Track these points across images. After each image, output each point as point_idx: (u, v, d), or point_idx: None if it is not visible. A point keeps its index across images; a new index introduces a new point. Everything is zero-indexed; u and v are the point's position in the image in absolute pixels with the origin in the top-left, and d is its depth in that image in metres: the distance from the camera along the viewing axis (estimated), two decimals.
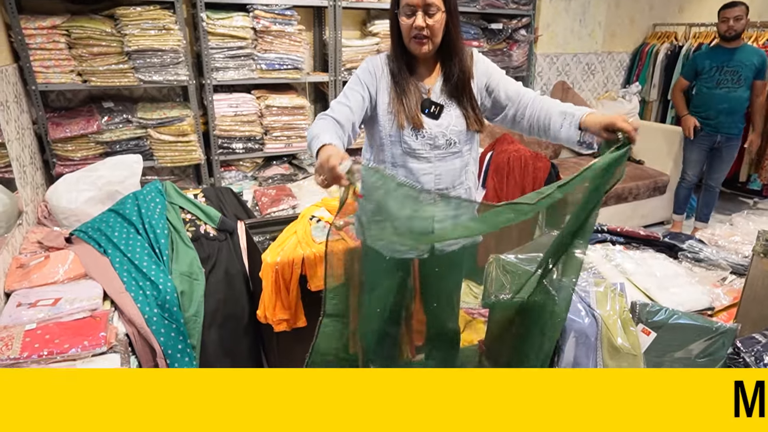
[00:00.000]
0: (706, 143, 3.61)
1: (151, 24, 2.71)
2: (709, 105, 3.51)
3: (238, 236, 2.39)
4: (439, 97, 1.60)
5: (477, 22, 3.87)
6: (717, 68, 3.45)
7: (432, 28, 1.49)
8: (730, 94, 3.43)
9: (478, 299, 1.54)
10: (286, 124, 3.21)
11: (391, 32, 1.60)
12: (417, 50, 1.54)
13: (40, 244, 2.16)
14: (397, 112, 1.56)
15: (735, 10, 3.33)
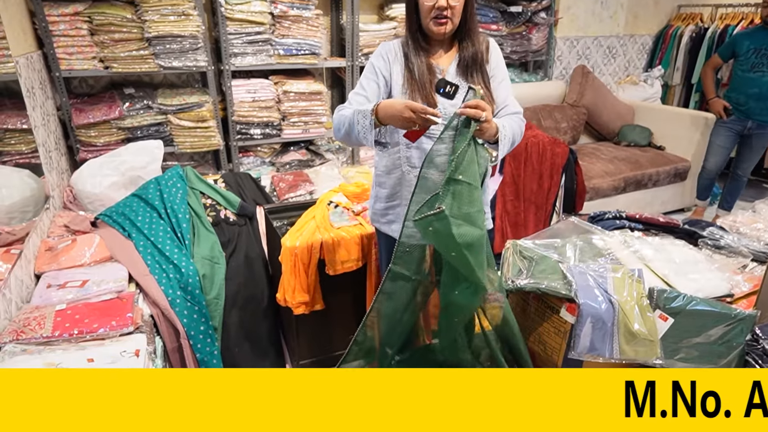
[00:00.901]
0: (735, 129, 3.49)
1: (170, 10, 2.73)
2: (741, 89, 3.39)
3: (257, 221, 2.43)
4: (455, 78, 1.60)
5: (496, 4, 3.82)
6: (755, 51, 3.30)
7: (454, 9, 1.51)
8: (763, 79, 3.28)
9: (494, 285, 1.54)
10: (303, 110, 3.23)
11: (408, 12, 1.60)
12: (437, 30, 1.54)
13: (66, 228, 2.22)
14: (411, 91, 1.57)
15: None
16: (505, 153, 1.53)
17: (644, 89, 4.58)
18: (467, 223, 1.33)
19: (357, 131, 1.47)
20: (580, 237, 1.86)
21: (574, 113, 4.06)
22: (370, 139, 1.47)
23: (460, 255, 1.32)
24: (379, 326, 1.57)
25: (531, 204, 3.05)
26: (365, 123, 1.44)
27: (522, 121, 1.63)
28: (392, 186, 1.73)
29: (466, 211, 1.33)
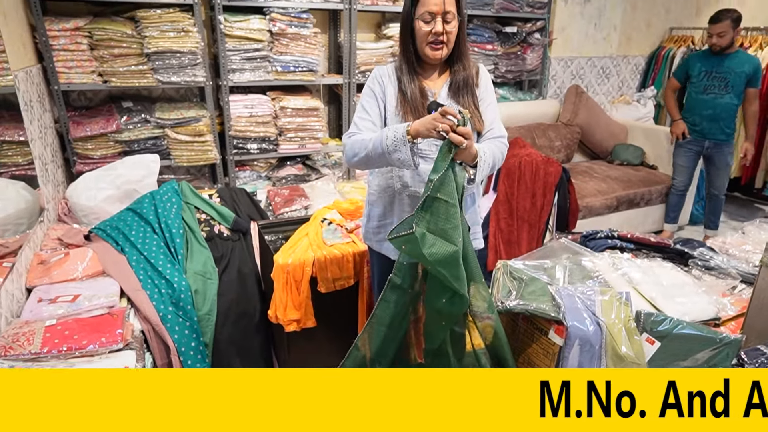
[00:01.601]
0: (693, 149, 3.60)
1: (170, 26, 2.77)
2: (695, 110, 3.52)
3: (251, 236, 2.44)
4: (446, 100, 1.64)
5: (491, 25, 3.88)
6: (706, 73, 3.44)
7: (449, 34, 1.56)
8: (716, 101, 3.41)
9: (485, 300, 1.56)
10: (300, 126, 3.26)
11: (403, 37, 1.64)
12: (433, 55, 1.59)
13: (60, 241, 2.23)
14: (404, 113, 1.60)
15: (718, 26, 3.30)
16: (484, 176, 1.57)
17: (637, 109, 4.64)
18: (442, 239, 1.38)
19: (387, 146, 1.46)
20: (569, 258, 1.88)
21: (568, 132, 4.10)
22: (404, 152, 1.46)
23: (435, 270, 1.38)
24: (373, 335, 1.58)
25: (524, 222, 3.07)
26: (398, 135, 1.45)
27: (504, 145, 1.67)
28: (384, 205, 1.75)
29: (442, 227, 1.38)
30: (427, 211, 1.38)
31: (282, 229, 2.46)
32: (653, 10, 4.84)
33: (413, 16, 1.58)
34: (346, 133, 1.65)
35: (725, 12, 3.29)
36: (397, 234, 1.37)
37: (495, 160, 1.60)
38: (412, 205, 1.68)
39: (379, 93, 1.64)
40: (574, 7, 4.20)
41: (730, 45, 3.34)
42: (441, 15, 1.53)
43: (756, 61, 3.38)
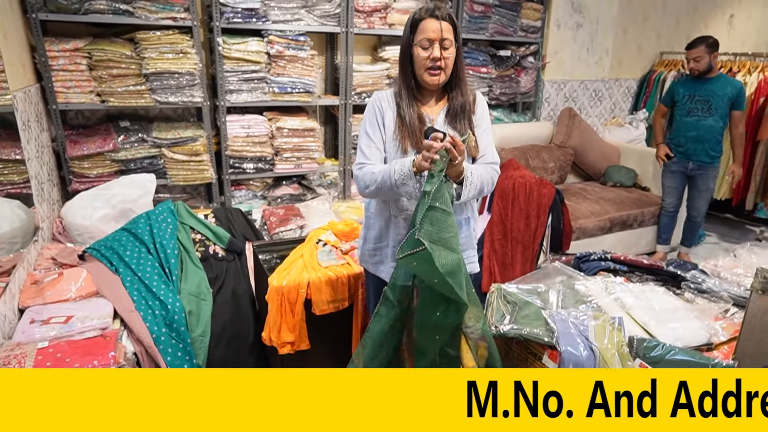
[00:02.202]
0: (679, 170, 3.68)
1: (169, 48, 2.80)
2: (680, 132, 3.61)
3: (245, 257, 2.44)
4: (443, 126, 1.67)
5: (486, 48, 3.95)
6: (689, 97, 3.53)
7: (446, 60, 1.59)
8: (699, 123, 3.49)
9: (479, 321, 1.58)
10: (296, 146, 3.28)
11: (402, 63, 1.68)
12: (431, 81, 1.62)
13: (54, 261, 2.22)
14: (402, 138, 1.63)
15: (694, 51, 3.42)
16: (470, 197, 1.60)
17: (629, 131, 4.71)
18: (445, 249, 1.42)
19: (395, 181, 1.54)
20: (563, 282, 1.89)
21: (562, 153, 4.15)
22: (411, 185, 1.54)
23: (443, 281, 1.40)
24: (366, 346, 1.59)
25: (518, 244, 3.09)
26: (404, 171, 1.53)
27: (496, 171, 1.70)
28: (380, 228, 1.77)
29: (444, 236, 1.43)
30: (427, 221, 1.42)
31: (277, 248, 2.47)
32: (644, 35, 4.94)
33: (412, 43, 1.62)
34: (355, 163, 1.69)
35: (700, 38, 3.43)
36: (407, 253, 1.40)
37: (484, 183, 1.63)
38: (408, 228, 1.69)
39: (379, 118, 1.68)
40: (567, 32, 4.28)
41: (709, 69, 3.43)
42: (438, 42, 1.58)
43: (738, 83, 3.46)
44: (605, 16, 4.44)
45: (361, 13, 3.33)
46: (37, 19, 2.51)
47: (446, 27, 1.58)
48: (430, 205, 1.42)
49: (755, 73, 4.38)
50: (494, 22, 3.82)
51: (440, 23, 1.57)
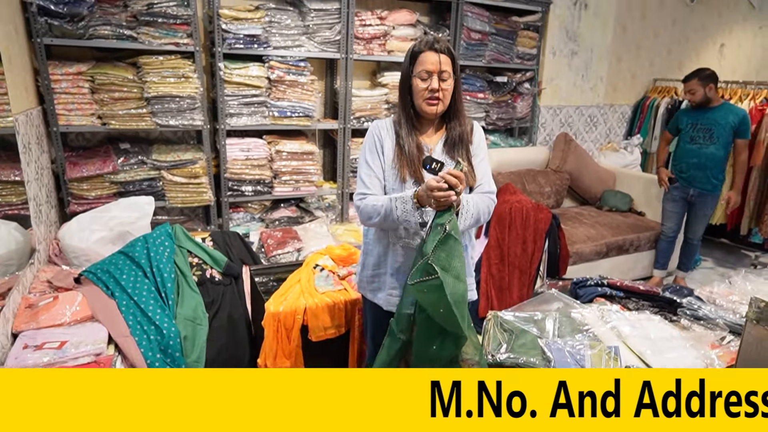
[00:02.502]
0: (680, 195, 3.72)
1: (171, 72, 2.84)
2: (683, 159, 3.67)
3: (242, 280, 2.44)
4: (441, 155, 1.69)
5: (483, 75, 4.01)
6: (692, 125, 3.60)
7: (444, 91, 1.63)
8: (701, 150, 3.55)
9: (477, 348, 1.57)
10: (295, 169, 3.31)
11: (402, 93, 1.71)
12: (429, 110, 1.65)
13: (49, 284, 2.21)
14: (400, 167, 1.66)
15: (688, 84, 3.53)
16: (466, 226, 1.62)
17: (624, 156, 4.76)
18: (454, 277, 1.43)
19: (397, 217, 1.57)
20: (559, 310, 1.90)
21: (558, 178, 4.19)
22: (413, 222, 1.58)
23: (448, 311, 1.40)
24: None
25: (515, 268, 3.10)
26: (406, 207, 1.56)
27: (492, 201, 1.72)
28: (379, 254, 1.77)
29: (455, 265, 1.44)
30: (443, 249, 1.43)
31: (274, 271, 2.47)
32: (637, 62, 5.04)
33: (411, 74, 1.65)
34: (356, 193, 1.70)
35: (694, 72, 3.52)
36: (418, 280, 1.41)
37: (480, 213, 1.65)
38: (405, 256, 1.71)
39: (378, 147, 1.70)
40: (562, 60, 4.36)
41: (706, 100, 3.49)
42: (437, 73, 1.61)
43: (741, 112, 3.50)
44: (599, 45, 4.53)
45: (361, 40, 3.39)
46: (41, 43, 2.55)
47: (445, 60, 1.62)
48: (448, 233, 1.44)
49: (746, 100, 4.46)
50: (491, 49, 3.90)
51: (439, 56, 1.61)
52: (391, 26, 3.45)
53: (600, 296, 2.53)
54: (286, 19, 3.11)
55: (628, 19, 4.81)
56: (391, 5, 3.56)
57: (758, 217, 4.49)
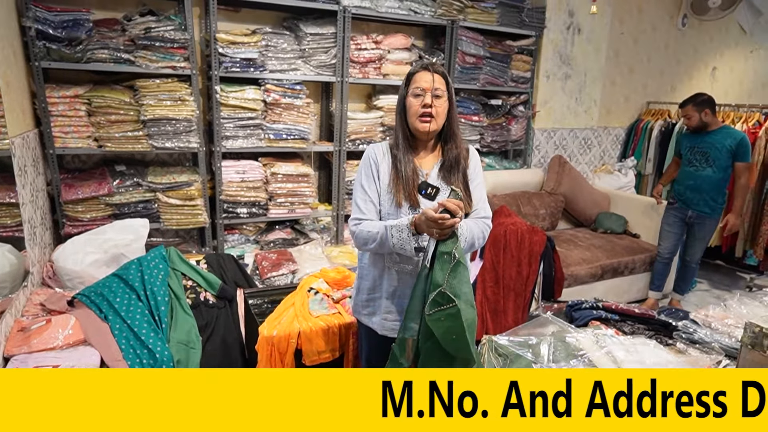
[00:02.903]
0: (679, 216, 3.75)
1: (167, 95, 2.87)
2: (682, 181, 3.73)
3: (236, 303, 2.42)
4: (436, 181, 1.70)
5: (477, 98, 4.06)
6: (690, 148, 3.66)
7: (438, 108, 1.65)
8: (697, 173, 3.60)
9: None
10: (290, 191, 3.32)
11: (397, 114, 1.73)
12: (422, 128, 1.66)
13: (42, 307, 2.20)
14: (396, 191, 1.66)
15: (683, 110, 3.59)
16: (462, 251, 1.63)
17: (618, 178, 4.80)
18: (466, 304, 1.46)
19: (392, 244, 1.59)
20: (554, 335, 1.89)
21: (552, 200, 4.21)
22: (409, 250, 1.58)
23: (461, 337, 1.43)
24: None
25: (510, 291, 3.09)
26: (402, 236, 1.57)
27: (488, 226, 1.73)
28: (374, 278, 1.77)
29: (465, 290, 1.47)
30: (454, 276, 1.45)
31: (268, 294, 2.46)
32: (631, 85, 5.11)
33: (406, 94, 1.68)
34: (351, 217, 1.71)
35: (691, 97, 3.58)
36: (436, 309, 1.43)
37: (474, 238, 1.65)
38: (400, 280, 1.71)
39: (374, 171, 1.71)
40: (556, 83, 4.42)
41: (703, 125, 3.54)
42: (430, 91, 1.64)
43: (739, 135, 3.51)
44: (593, 68, 4.60)
45: (356, 64, 3.43)
46: (39, 67, 2.57)
47: (438, 79, 1.65)
48: (460, 261, 1.47)
49: (739, 123, 4.51)
50: (485, 73, 3.95)
51: (433, 75, 1.64)
52: (387, 50, 3.50)
53: (595, 319, 2.52)
54: (283, 43, 3.16)
55: (621, 43, 4.90)
56: (387, 29, 3.62)
57: (753, 239, 4.51)
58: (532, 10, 4.02)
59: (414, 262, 1.67)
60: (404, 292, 1.71)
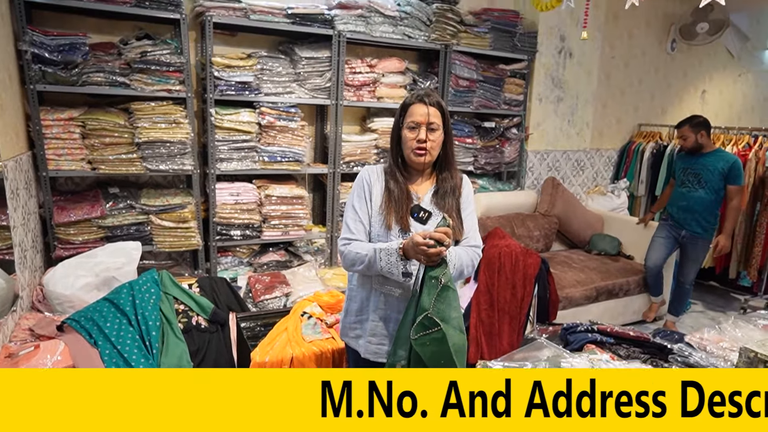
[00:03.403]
0: (671, 234, 3.79)
1: (162, 118, 2.87)
2: (675, 202, 3.78)
3: (229, 328, 2.40)
4: (429, 205, 1.70)
5: (471, 120, 4.10)
6: (683, 170, 3.72)
7: (432, 142, 1.66)
8: (689, 194, 3.65)
9: None
10: (284, 213, 3.31)
11: (392, 143, 1.74)
12: (417, 161, 1.67)
13: (31, 332, 2.16)
14: (387, 213, 1.66)
15: (680, 130, 3.65)
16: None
17: (611, 200, 4.83)
18: (454, 329, 1.46)
19: (380, 267, 1.58)
20: (549, 360, 1.87)
21: (546, 222, 4.22)
22: (396, 274, 1.57)
23: (449, 363, 1.42)
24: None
25: (505, 314, 3.08)
26: (391, 260, 1.56)
27: (478, 255, 1.73)
28: (362, 300, 1.76)
29: (454, 316, 1.47)
30: (442, 301, 1.45)
31: (261, 316, 2.44)
32: (622, 108, 5.19)
33: (401, 125, 1.69)
34: (340, 237, 1.71)
35: (687, 119, 3.63)
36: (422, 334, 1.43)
37: (463, 265, 1.65)
38: (387, 304, 1.70)
39: (367, 192, 1.71)
40: (548, 106, 4.48)
41: (698, 146, 3.59)
42: (425, 125, 1.64)
43: (731, 159, 3.55)
44: (584, 91, 4.66)
45: (351, 87, 3.46)
46: (34, 90, 2.58)
47: (434, 112, 1.65)
48: (446, 285, 1.46)
49: (729, 145, 4.57)
50: (479, 96, 4.00)
51: (428, 108, 1.65)
52: (381, 74, 3.54)
53: (590, 342, 2.51)
54: (278, 66, 3.19)
55: (612, 67, 4.99)
56: (381, 53, 3.67)
57: (746, 260, 4.53)
58: (524, 34, 4.09)
59: (403, 287, 1.66)
60: (391, 316, 1.70)
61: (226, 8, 2.99)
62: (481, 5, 4.07)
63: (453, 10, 3.68)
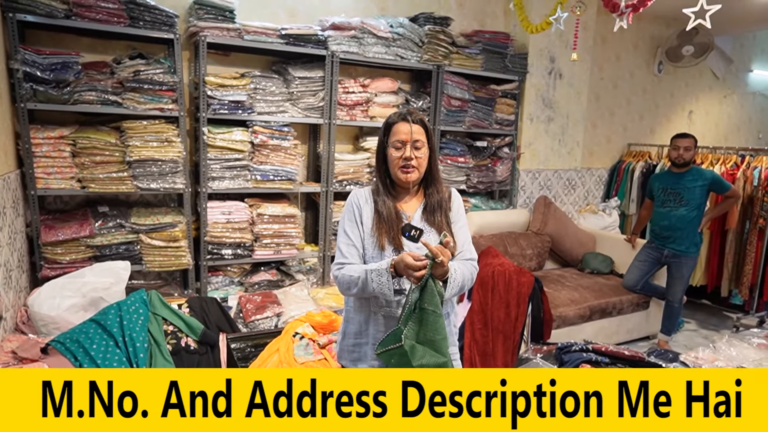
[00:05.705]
0: (653, 254, 3.83)
1: (154, 136, 2.86)
2: (656, 222, 3.82)
3: (219, 349, 2.35)
4: (419, 222, 1.70)
5: (463, 140, 4.12)
6: (663, 190, 3.75)
7: (419, 159, 1.65)
8: (671, 212, 3.69)
9: None
10: (276, 232, 3.28)
11: (378, 162, 1.73)
12: (404, 178, 1.67)
13: (14, 355, 2.10)
14: (379, 234, 1.65)
15: (686, 140, 3.66)
16: (452, 294, 1.61)
17: (603, 218, 4.85)
18: (431, 350, 1.43)
19: (373, 289, 1.56)
20: None
21: (539, 240, 4.22)
22: (388, 294, 1.55)
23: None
24: None
25: (499, 333, 3.05)
26: (381, 280, 1.54)
27: (475, 268, 1.72)
28: (360, 323, 1.73)
29: (431, 338, 1.43)
30: (417, 323, 1.43)
31: (252, 337, 2.39)
32: (612, 128, 5.25)
33: (386, 144, 1.69)
34: (334, 262, 1.70)
35: (686, 133, 3.71)
36: (385, 348, 1.42)
37: (464, 280, 1.64)
38: (387, 325, 1.67)
39: (357, 216, 1.70)
40: (539, 125, 4.52)
41: (689, 162, 3.64)
42: (410, 143, 1.64)
43: (708, 174, 3.64)
44: (575, 111, 4.72)
45: (344, 107, 3.48)
46: (25, 108, 2.56)
47: (417, 129, 1.66)
48: (420, 306, 1.44)
49: (717, 165, 4.62)
50: (470, 115, 4.03)
51: (411, 126, 1.65)
52: (374, 93, 3.56)
53: (585, 362, 2.49)
54: (271, 86, 3.20)
55: (601, 87, 5.06)
56: (374, 73, 3.69)
57: (737, 278, 4.54)
58: (515, 56, 4.15)
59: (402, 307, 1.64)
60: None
61: (220, 29, 3.01)
62: (473, 27, 4.13)
63: (445, 32, 3.73)
